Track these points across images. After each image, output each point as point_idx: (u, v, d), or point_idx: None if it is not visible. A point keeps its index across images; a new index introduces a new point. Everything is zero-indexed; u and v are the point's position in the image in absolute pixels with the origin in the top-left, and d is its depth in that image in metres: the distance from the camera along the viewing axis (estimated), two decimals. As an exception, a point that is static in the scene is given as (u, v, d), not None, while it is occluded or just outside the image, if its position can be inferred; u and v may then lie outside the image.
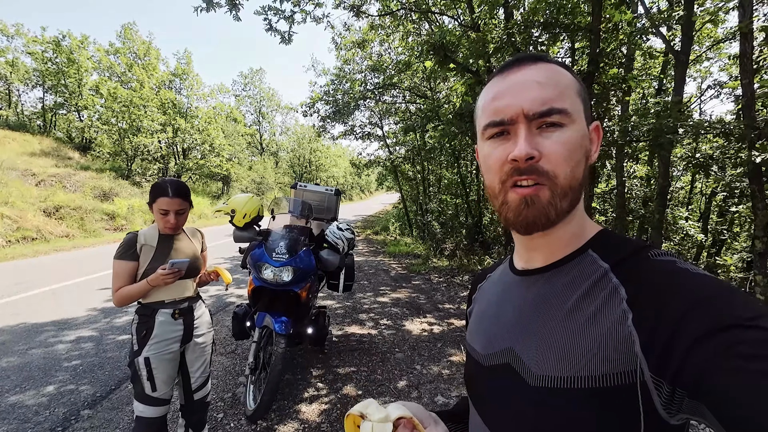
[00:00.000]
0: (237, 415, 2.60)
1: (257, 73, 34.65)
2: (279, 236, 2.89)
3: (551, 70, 0.49)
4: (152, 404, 1.76)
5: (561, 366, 0.45)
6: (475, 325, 0.64)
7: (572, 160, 0.47)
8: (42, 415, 2.55)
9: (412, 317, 4.78)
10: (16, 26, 20.16)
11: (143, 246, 1.77)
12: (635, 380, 0.40)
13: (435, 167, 13.13)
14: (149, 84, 19.74)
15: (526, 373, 0.48)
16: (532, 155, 0.46)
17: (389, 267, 8.26)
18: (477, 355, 0.60)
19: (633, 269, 0.45)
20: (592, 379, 0.42)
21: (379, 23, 9.24)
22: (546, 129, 0.47)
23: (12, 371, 3.14)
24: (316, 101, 11.19)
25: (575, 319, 0.46)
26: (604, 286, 0.45)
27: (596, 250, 0.50)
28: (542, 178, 0.47)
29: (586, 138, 0.50)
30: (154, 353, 1.75)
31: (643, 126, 3.81)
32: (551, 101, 0.47)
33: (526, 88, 0.48)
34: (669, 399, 0.38)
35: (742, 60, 3.70)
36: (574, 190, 0.48)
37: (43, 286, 5.72)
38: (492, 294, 0.63)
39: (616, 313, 0.42)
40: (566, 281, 0.50)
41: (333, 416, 2.62)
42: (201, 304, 2.00)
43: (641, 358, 0.39)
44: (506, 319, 0.55)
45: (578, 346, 0.44)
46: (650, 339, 0.39)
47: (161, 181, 1.77)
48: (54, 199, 12.02)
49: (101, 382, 3.02)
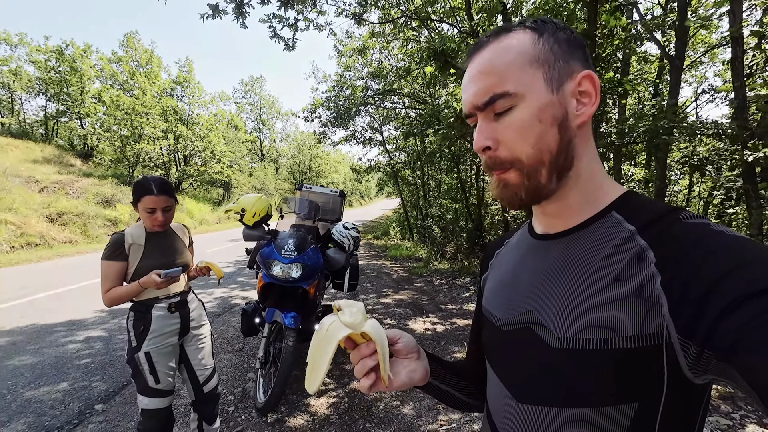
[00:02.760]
0: (247, 408, 2.67)
1: (257, 81, 34.96)
2: (287, 235, 2.98)
3: (496, 51, 0.48)
4: (157, 396, 1.80)
5: (582, 328, 0.45)
6: (493, 291, 0.63)
7: (530, 137, 0.47)
8: (58, 409, 2.62)
9: (416, 317, 4.85)
10: (19, 35, 20.39)
11: (131, 245, 1.76)
12: (661, 341, 0.40)
13: (435, 172, 13.25)
14: (151, 92, 19.92)
15: (547, 335, 0.48)
16: (485, 145, 0.48)
17: (391, 270, 8.33)
18: (496, 320, 0.59)
19: (662, 232, 0.43)
20: (615, 340, 0.42)
21: (379, 30, 9.40)
22: (501, 115, 0.48)
23: (26, 369, 3.21)
24: (317, 107, 11.34)
25: (598, 281, 0.45)
26: (629, 249, 0.45)
27: (620, 212, 0.49)
28: (504, 165, 0.49)
29: (550, 107, 0.47)
30: (154, 347, 1.78)
31: (639, 128, 3.91)
32: (492, 88, 0.47)
33: (473, 80, 0.49)
34: (696, 360, 0.38)
35: (733, 64, 3.82)
36: (547, 162, 0.48)
37: (49, 290, 5.78)
38: (511, 259, 0.63)
39: (643, 275, 0.42)
40: (588, 244, 0.49)
41: (341, 409, 2.69)
42: (193, 297, 2.04)
43: (668, 320, 0.39)
44: (526, 283, 0.55)
45: (601, 308, 0.44)
46: (680, 301, 0.38)
47: (143, 179, 1.76)
48: (57, 205, 12.11)
49: (113, 378, 3.09)
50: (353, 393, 2.91)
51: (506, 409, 0.55)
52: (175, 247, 1.93)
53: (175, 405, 2.57)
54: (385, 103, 11.99)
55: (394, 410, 2.69)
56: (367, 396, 2.88)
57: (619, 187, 0.52)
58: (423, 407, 2.71)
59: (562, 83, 0.48)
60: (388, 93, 10.94)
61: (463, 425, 2.50)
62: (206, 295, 5.73)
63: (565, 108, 0.48)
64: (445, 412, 2.64)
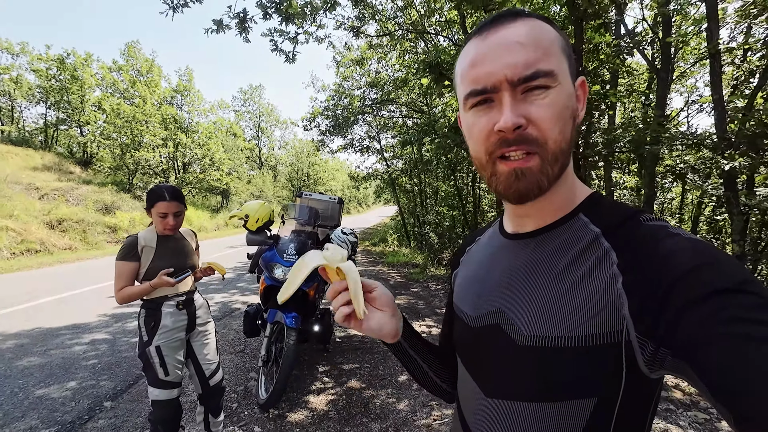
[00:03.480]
0: (250, 405, 2.79)
1: (256, 90, 35.30)
2: (289, 239, 3.13)
3: (533, 26, 0.46)
4: (166, 387, 1.93)
5: (548, 326, 0.46)
6: (463, 287, 0.64)
7: (561, 123, 0.45)
8: (68, 405, 2.74)
9: (412, 320, 4.98)
10: (21, 44, 20.64)
11: (144, 247, 1.90)
12: (620, 339, 0.42)
13: (432, 180, 13.45)
14: (151, 100, 20.14)
15: (515, 333, 0.50)
16: (519, 124, 0.44)
17: (388, 276, 8.46)
18: (466, 317, 0.60)
19: (625, 234, 0.45)
20: (578, 338, 0.44)
21: (377, 43, 9.65)
22: (532, 93, 0.44)
23: (35, 369, 3.32)
24: (316, 116, 11.55)
25: (564, 281, 0.47)
26: (595, 250, 0.46)
27: (587, 214, 0.50)
28: (532, 146, 0.45)
29: (573, 97, 0.47)
30: (164, 341, 1.92)
31: (625, 137, 4.10)
32: (536, 63, 0.44)
33: (508, 50, 0.45)
34: (652, 357, 0.40)
35: (712, 78, 4.03)
36: (564, 153, 0.47)
37: (52, 295, 5.88)
38: (481, 256, 0.64)
39: (606, 276, 0.43)
40: (556, 245, 0.50)
41: (339, 405, 2.82)
42: (198, 296, 2.18)
43: (629, 319, 0.41)
44: (495, 281, 0.56)
45: (566, 308, 0.45)
46: (639, 302, 0.40)
47: (156, 187, 1.93)
48: (57, 212, 12.20)
49: (120, 378, 3.20)
50: (351, 390, 3.04)
51: (476, 403, 0.57)
52: (183, 250, 2.08)
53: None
54: (383, 112, 12.23)
55: (390, 406, 2.81)
56: (364, 393, 3.01)
57: (585, 188, 0.54)
58: (418, 403, 2.85)
59: (574, 80, 0.48)
60: (385, 102, 11.18)
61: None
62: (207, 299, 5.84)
63: (575, 104, 0.48)
64: (439, 408, 2.77)
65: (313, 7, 5.53)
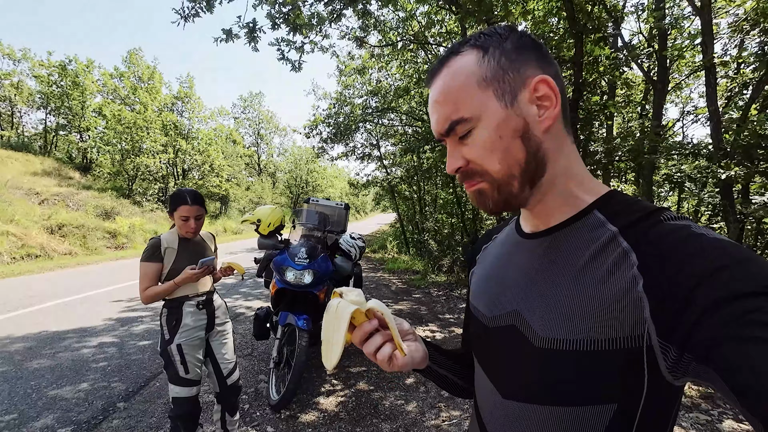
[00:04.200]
0: (261, 406, 2.84)
1: (256, 97, 35.54)
2: (299, 244, 3.21)
3: (447, 77, 0.50)
4: (186, 385, 2.00)
5: (566, 328, 0.45)
6: (480, 286, 0.64)
7: (495, 153, 0.48)
8: (82, 406, 2.78)
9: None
10: (23, 51, 20.76)
11: (167, 249, 1.99)
12: (642, 344, 0.40)
13: (431, 187, 13.58)
14: (152, 107, 20.26)
15: (531, 335, 0.49)
16: (457, 167, 0.51)
17: (389, 282, 8.52)
18: (482, 317, 0.60)
19: (644, 233, 0.43)
20: (597, 342, 0.43)
21: (379, 53, 9.82)
22: (464, 138, 0.50)
23: (45, 371, 3.36)
24: (318, 123, 11.68)
25: (582, 282, 0.46)
26: (613, 250, 0.45)
27: (603, 212, 0.49)
28: (476, 178, 0.51)
29: (507, 122, 0.48)
30: (185, 340, 1.99)
31: (623, 147, 4.22)
32: (449, 116, 0.49)
33: (433, 110, 0.52)
34: (675, 363, 0.38)
35: (707, 90, 4.18)
36: (516, 173, 0.49)
37: (55, 299, 5.90)
38: (497, 256, 0.63)
39: (626, 277, 0.42)
40: (573, 244, 0.49)
41: (349, 406, 2.87)
42: (217, 297, 2.24)
43: (650, 323, 0.40)
44: (512, 281, 0.56)
45: (585, 310, 0.44)
46: (661, 305, 0.39)
47: (179, 191, 1.99)
48: (57, 217, 12.20)
49: (131, 379, 3.24)
50: (360, 392, 3.10)
51: (492, 403, 0.56)
52: (203, 251, 2.14)
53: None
54: (383, 120, 12.39)
55: (399, 407, 2.87)
56: (373, 395, 3.06)
57: (602, 186, 0.53)
58: (426, 405, 2.90)
59: (516, 94, 0.48)
60: (385, 110, 11.34)
61: (463, 421, 2.69)
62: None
63: (523, 118, 0.48)
64: (447, 409, 2.83)
65: (319, 17, 5.67)
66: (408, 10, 8.60)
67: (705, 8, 3.87)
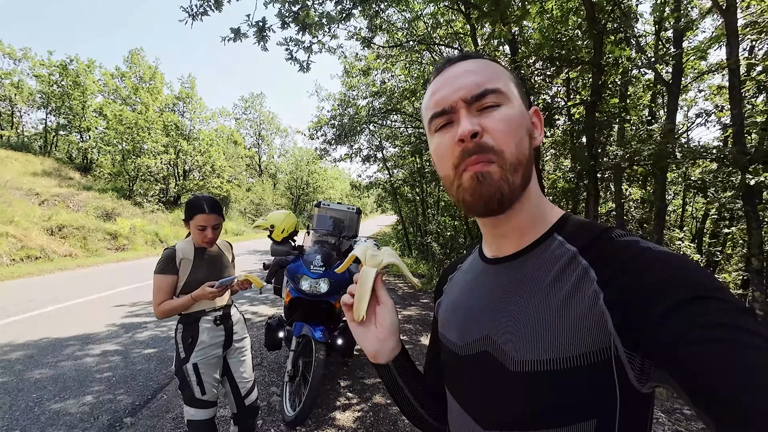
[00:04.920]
0: (275, 422, 2.70)
1: (257, 98, 35.45)
2: (314, 250, 3.08)
3: (480, 61, 0.54)
4: (202, 407, 1.84)
5: (540, 350, 0.46)
6: (448, 315, 0.63)
7: (515, 135, 0.49)
8: (87, 421, 2.64)
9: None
10: (23, 50, 20.64)
11: (182, 260, 1.84)
12: (610, 356, 0.42)
13: (433, 189, 13.47)
14: (153, 107, 20.13)
15: (506, 359, 0.49)
16: (475, 131, 0.48)
17: (396, 286, 8.39)
18: (452, 345, 0.59)
19: (600, 251, 0.46)
20: (570, 359, 0.44)
21: (384, 54, 9.72)
22: (485, 110, 0.50)
23: (47, 382, 3.22)
24: (322, 125, 11.57)
25: (549, 302, 0.47)
26: (574, 269, 0.47)
27: (562, 234, 0.52)
28: (489, 154, 0.48)
29: (526, 118, 0.52)
30: (201, 359, 1.85)
31: (643, 151, 4.11)
32: (484, 83, 0.50)
33: (460, 77, 0.52)
34: (640, 369, 0.41)
35: (731, 92, 4.05)
36: (523, 165, 0.50)
37: (56, 303, 5.76)
38: (464, 283, 0.63)
39: (588, 293, 0.44)
40: (536, 266, 0.51)
41: (367, 422, 2.74)
42: (235, 311, 2.10)
43: (614, 335, 0.41)
44: (480, 307, 0.56)
45: (554, 329, 0.45)
46: (622, 316, 0.41)
47: (196, 198, 1.85)
48: (57, 218, 12.06)
49: (137, 392, 3.11)
50: (377, 407, 2.97)
51: None
52: (220, 262, 2.01)
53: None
54: (387, 121, 12.28)
55: (419, 424, 2.74)
56: (390, 410, 2.93)
57: (557, 210, 0.56)
58: (447, 421, 2.77)
59: (528, 107, 0.54)
60: (390, 111, 11.23)
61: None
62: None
63: (531, 127, 0.53)
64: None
65: (329, 17, 5.55)
66: (415, 10, 8.50)
67: (731, 8, 3.75)
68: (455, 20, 8.37)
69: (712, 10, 5.57)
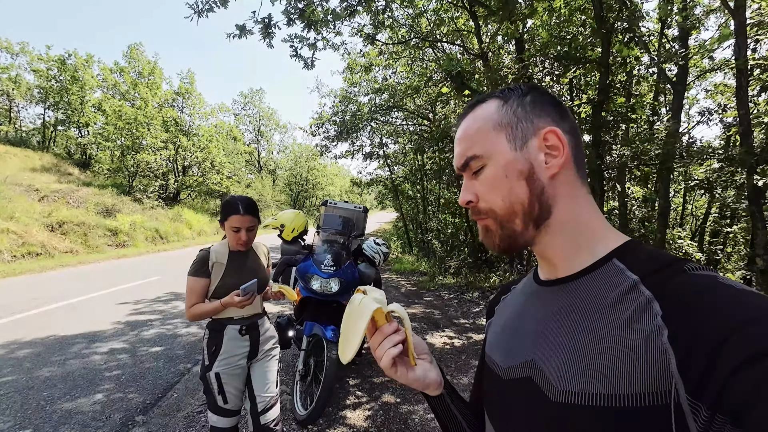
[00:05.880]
0: (287, 421, 2.71)
1: (257, 93, 35.28)
2: (324, 250, 3.08)
3: (469, 120, 0.56)
4: (224, 415, 1.81)
5: (585, 381, 0.42)
6: (495, 337, 0.62)
7: (500, 191, 0.52)
8: (100, 420, 2.65)
9: (432, 331, 4.93)
10: (21, 44, 20.48)
11: (215, 263, 1.79)
12: (669, 401, 0.37)
13: (434, 187, 13.47)
14: (152, 102, 20.02)
15: (548, 388, 0.47)
16: (468, 200, 0.55)
17: (398, 284, 8.41)
18: (497, 368, 0.58)
19: (667, 283, 0.42)
20: (620, 397, 0.40)
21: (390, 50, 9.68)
22: (476, 174, 0.54)
23: (57, 380, 3.22)
24: (324, 121, 11.53)
25: (601, 332, 0.43)
26: (634, 299, 0.43)
27: (622, 260, 0.48)
28: (482, 215, 0.54)
29: (515, 163, 0.51)
30: (224, 368, 1.79)
31: (650, 151, 4.11)
32: (465, 153, 0.54)
33: (456, 146, 0.57)
34: (707, 424, 0.35)
35: (738, 93, 4.06)
36: (519, 212, 0.51)
37: (60, 301, 5.75)
38: (514, 305, 0.62)
39: (649, 327, 0.40)
40: (591, 291, 0.48)
41: (378, 421, 2.76)
42: (265, 320, 2.00)
43: (677, 378, 0.37)
44: (528, 330, 0.54)
45: (604, 361, 0.42)
46: (688, 359, 0.36)
47: (231, 199, 1.79)
48: (58, 214, 12.01)
49: (147, 390, 3.11)
50: (387, 406, 2.98)
51: None
52: (254, 267, 1.92)
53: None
54: (389, 118, 12.26)
55: (429, 422, 2.76)
56: (400, 408, 2.95)
57: (620, 236, 0.53)
58: (458, 420, 2.79)
59: (527, 140, 0.52)
60: (391, 108, 11.20)
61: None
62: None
63: (530, 162, 0.51)
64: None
65: (334, 14, 5.52)
66: (418, 7, 8.46)
67: (740, 8, 3.75)
68: (459, 17, 8.33)
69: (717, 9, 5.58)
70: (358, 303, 0.56)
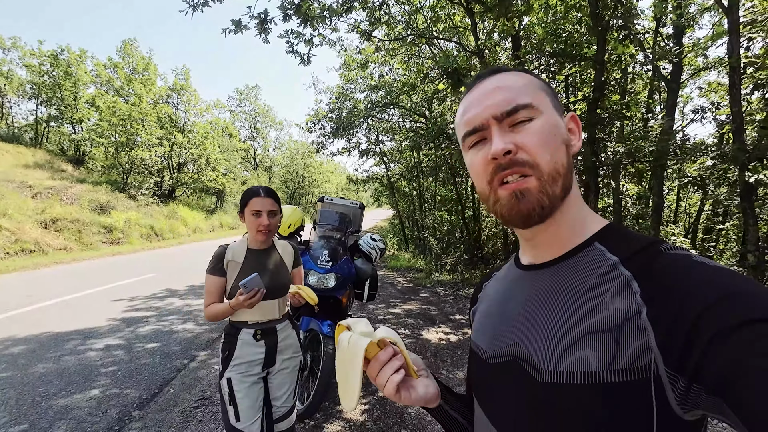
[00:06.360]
0: (284, 415, 2.72)
1: (252, 90, 35.07)
2: (320, 245, 3.09)
3: (509, 75, 0.53)
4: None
5: (569, 361, 0.44)
6: (480, 323, 0.62)
7: (549, 146, 0.48)
8: (96, 415, 2.65)
9: (428, 327, 4.96)
10: (12, 39, 20.19)
11: (229, 262, 1.68)
12: (649, 375, 0.39)
13: (430, 184, 13.49)
14: (147, 98, 19.85)
15: (534, 369, 0.47)
16: (507, 149, 0.48)
17: (394, 281, 8.43)
18: (482, 353, 0.58)
19: (646, 263, 0.44)
20: (603, 374, 0.41)
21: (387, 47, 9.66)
22: (518, 125, 0.49)
23: (52, 376, 3.21)
24: (321, 118, 11.50)
25: (583, 312, 0.45)
26: (614, 279, 0.44)
27: (603, 243, 0.49)
28: (524, 168, 0.48)
29: (560, 127, 0.51)
30: (237, 374, 1.66)
31: (644, 148, 4.15)
32: (515, 99, 0.49)
33: (490, 94, 0.51)
34: (684, 394, 0.37)
35: (731, 90, 4.10)
36: (561, 175, 0.49)
37: (54, 298, 5.73)
38: (497, 291, 0.63)
39: (629, 306, 0.41)
40: (572, 274, 0.49)
41: (375, 415, 2.78)
42: (287, 326, 1.84)
43: (656, 352, 0.38)
44: (512, 314, 0.55)
45: (587, 340, 0.43)
46: (667, 334, 0.38)
47: (251, 187, 1.70)
48: (51, 211, 11.92)
49: (143, 386, 3.11)
50: (384, 401, 3.00)
51: None
52: (273, 267, 1.76)
53: (213, 412, 2.60)
54: (385, 115, 12.24)
55: (425, 417, 2.78)
56: (397, 404, 2.96)
57: (600, 220, 0.54)
58: (453, 414, 2.82)
59: (562, 114, 0.53)
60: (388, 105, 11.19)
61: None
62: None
63: (567, 134, 0.52)
64: (476, 418, 2.75)
65: (331, 10, 5.51)
66: (414, 3, 8.44)
67: (733, 7, 3.79)
68: (456, 13, 8.32)
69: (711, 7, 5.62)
70: (347, 344, 0.53)
